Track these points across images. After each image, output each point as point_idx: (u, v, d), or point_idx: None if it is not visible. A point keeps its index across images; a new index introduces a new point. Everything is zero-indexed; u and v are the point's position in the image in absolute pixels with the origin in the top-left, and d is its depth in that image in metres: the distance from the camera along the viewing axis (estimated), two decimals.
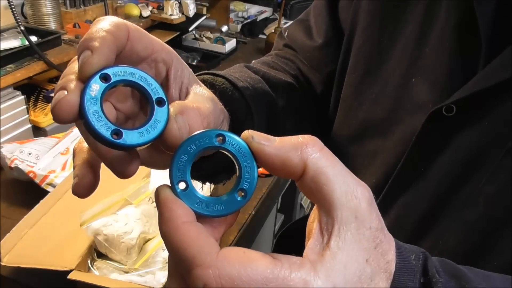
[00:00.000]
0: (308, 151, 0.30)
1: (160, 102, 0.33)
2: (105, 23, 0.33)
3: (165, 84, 0.38)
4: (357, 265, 0.29)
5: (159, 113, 0.33)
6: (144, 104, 0.39)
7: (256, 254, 0.28)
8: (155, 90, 0.33)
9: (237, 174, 0.32)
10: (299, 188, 0.31)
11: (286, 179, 1.54)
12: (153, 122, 0.32)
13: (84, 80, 0.31)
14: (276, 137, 0.31)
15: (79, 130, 0.35)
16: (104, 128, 0.31)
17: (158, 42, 0.37)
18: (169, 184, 0.31)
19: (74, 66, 0.33)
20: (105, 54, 0.31)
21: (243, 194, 0.31)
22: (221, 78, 0.51)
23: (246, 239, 1.10)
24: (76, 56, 0.33)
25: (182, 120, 0.33)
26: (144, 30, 0.36)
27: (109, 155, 0.34)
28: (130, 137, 0.31)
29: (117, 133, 0.31)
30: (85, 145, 0.37)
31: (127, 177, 0.35)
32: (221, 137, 0.31)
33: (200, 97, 0.38)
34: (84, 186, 0.36)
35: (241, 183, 0.31)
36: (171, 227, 0.29)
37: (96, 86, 0.31)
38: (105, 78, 0.31)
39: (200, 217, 0.31)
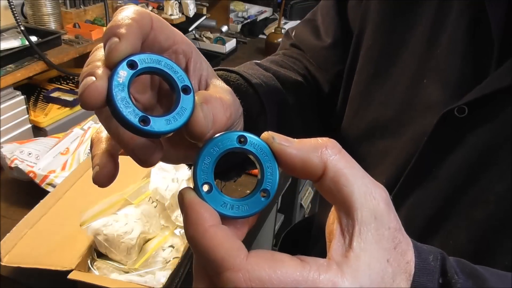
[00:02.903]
0: (327, 152, 0.30)
1: (186, 90, 0.33)
2: (129, 11, 0.33)
3: None
4: (379, 265, 0.29)
5: (185, 101, 0.32)
6: (161, 96, 0.39)
7: (285, 257, 0.29)
8: (181, 78, 0.33)
9: (259, 175, 0.32)
10: (317, 189, 0.32)
11: (303, 179, 1.53)
12: (180, 110, 0.32)
13: (112, 66, 0.31)
14: (295, 139, 0.31)
15: (99, 118, 0.35)
16: (132, 115, 0.30)
17: (179, 34, 0.37)
18: (192, 187, 0.31)
19: (99, 53, 0.33)
20: (132, 41, 0.31)
21: (265, 194, 0.32)
22: (235, 74, 0.52)
23: (246, 239, 1.10)
24: (100, 44, 0.33)
25: (207, 108, 0.33)
26: (165, 21, 0.36)
27: (131, 143, 0.34)
28: (158, 124, 0.31)
29: (144, 120, 0.31)
30: (103, 135, 0.37)
31: (150, 166, 0.35)
32: (242, 139, 0.31)
33: (220, 89, 0.38)
34: (106, 175, 0.35)
35: (264, 184, 0.32)
36: (198, 231, 0.29)
37: (123, 73, 0.31)
38: (131, 65, 0.31)
39: (224, 219, 0.31)
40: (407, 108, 0.55)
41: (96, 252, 0.89)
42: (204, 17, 2.00)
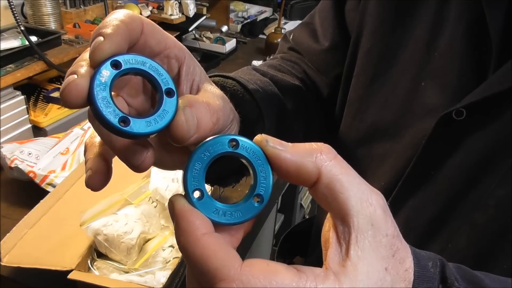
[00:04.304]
0: (322, 158, 0.29)
1: (170, 93, 0.32)
2: (119, 14, 0.33)
3: (176, 80, 0.38)
4: (377, 274, 0.29)
5: (168, 104, 0.32)
6: (155, 100, 0.38)
7: (280, 266, 0.28)
8: (165, 80, 0.32)
9: (252, 179, 0.31)
10: (312, 195, 0.31)
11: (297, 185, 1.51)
12: (161, 112, 0.32)
13: (95, 66, 0.31)
14: (289, 143, 0.31)
15: (92, 124, 0.35)
16: (112, 115, 0.30)
17: (171, 38, 0.37)
18: (183, 194, 0.30)
19: (86, 54, 0.32)
20: (117, 41, 0.31)
21: (259, 199, 0.31)
22: (232, 80, 0.51)
23: (246, 239, 1.10)
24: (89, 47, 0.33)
25: (190, 112, 0.33)
26: (158, 26, 0.36)
27: (122, 147, 0.33)
28: (138, 125, 0.31)
29: (124, 121, 0.30)
30: (97, 139, 0.37)
31: (141, 171, 0.34)
32: (234, 142, 0.31)
33: (210, 94, 0.38)
34: (98, 179, 0.35)
35: (257, 189, 0.31)
36: (190, 240, 0.28)
37: (106, 72, 0.30)
38: (115, 65, 0.31)
39: (217, 226, 0.30)
40: (406, 112, 0.55)
41: (96, 252, 0.89)
42: (204, 17, 2.00)
